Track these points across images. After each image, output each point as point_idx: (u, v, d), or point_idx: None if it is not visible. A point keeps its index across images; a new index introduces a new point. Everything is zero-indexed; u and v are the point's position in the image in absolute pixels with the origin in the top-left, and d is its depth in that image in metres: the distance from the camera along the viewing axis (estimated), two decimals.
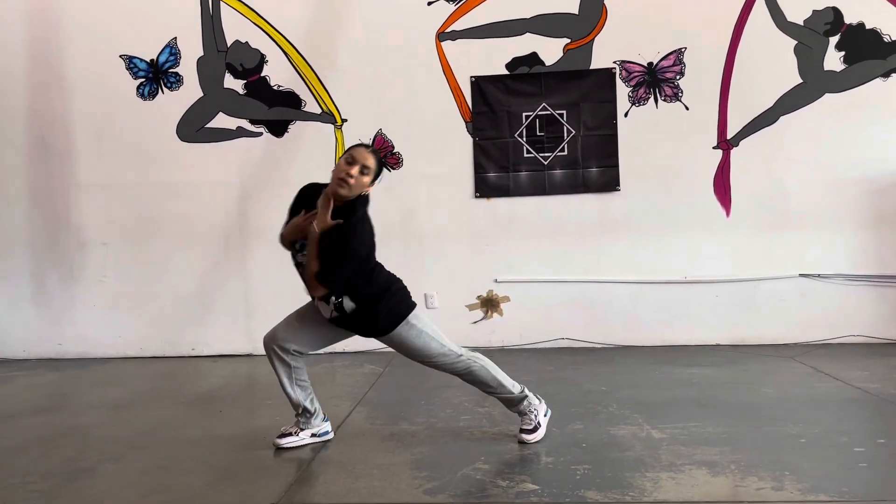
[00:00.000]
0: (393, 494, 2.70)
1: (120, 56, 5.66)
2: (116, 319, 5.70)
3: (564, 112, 5.52)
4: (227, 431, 3.64)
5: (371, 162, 3.03)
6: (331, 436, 3.39)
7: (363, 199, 3.12)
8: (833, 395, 3.97)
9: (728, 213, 5.46)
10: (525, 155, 5.53)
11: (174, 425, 3.80)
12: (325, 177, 5.55)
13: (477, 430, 3.48)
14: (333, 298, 3.07)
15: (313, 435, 3.34)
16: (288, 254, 5.82)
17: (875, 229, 5.37)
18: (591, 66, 5.48)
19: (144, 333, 5.70)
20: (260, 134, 5.63)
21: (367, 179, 3.03)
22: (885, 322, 5.33)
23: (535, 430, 3.26)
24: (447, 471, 2.91)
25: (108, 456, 3.29)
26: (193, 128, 5.64)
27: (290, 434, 3.31)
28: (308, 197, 3.16)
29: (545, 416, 3.34)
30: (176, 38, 5.63)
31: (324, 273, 2.98)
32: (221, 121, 5.64)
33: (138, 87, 5.66)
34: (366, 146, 3.13)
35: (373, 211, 5.58)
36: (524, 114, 5.53)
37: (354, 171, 2.99)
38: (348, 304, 3.09)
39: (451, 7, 5.53)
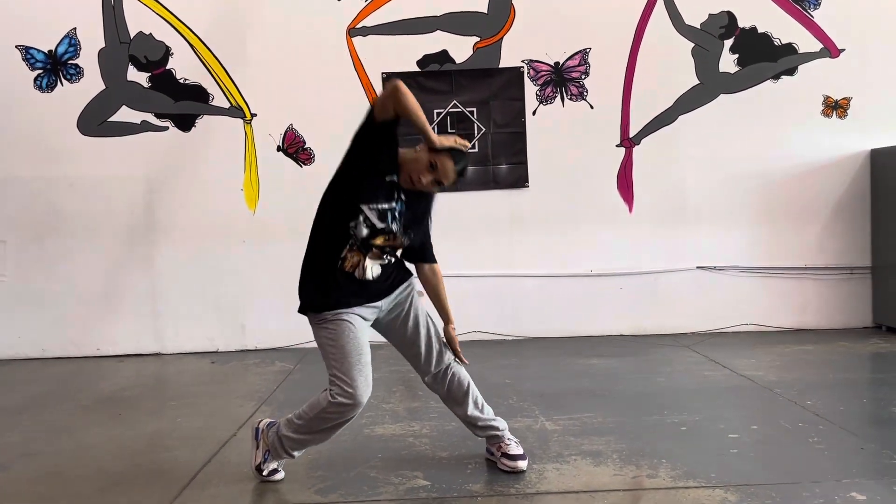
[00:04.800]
0: (284, 495, 2.74)
1: (16, 46, 5.43)
2: (16, 319, 5.49)
3: (475, 109, 5.61)
4: (126, 435, 3.59)
5: (449, 182, 2.82)
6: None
7: None
8: (719, 382, 4.21)
9: (631, 209, 5.67)
10: None
11: (71, 430, 3.71)
12: (233, 172, 5.53)
13: (378, 427, 3.54)
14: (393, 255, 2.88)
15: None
16: (203, 245, 5.56)
17: (766, 223, 5.67)
18: (501, 65, 5.58)
19: (46, 333, 5.51)
20: (166, 128, 5.51)
21: (434, 188, 2.86)
22: (774, 311, 5.66)
23: None
24: (342, 469, 2.96)
25: None
26: (95, 121, 5.47)
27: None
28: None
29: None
30: (75, 28, 5.43)
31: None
32: (125, 114, 5.49)
33: (36, 79, 5.45)
34: (455, 165, 2.78)
35: (284, 207, 5.59)
36: (435, 111, 5.59)
37: (428, 180, 2.77)
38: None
39: (362, 3, 5.53)
